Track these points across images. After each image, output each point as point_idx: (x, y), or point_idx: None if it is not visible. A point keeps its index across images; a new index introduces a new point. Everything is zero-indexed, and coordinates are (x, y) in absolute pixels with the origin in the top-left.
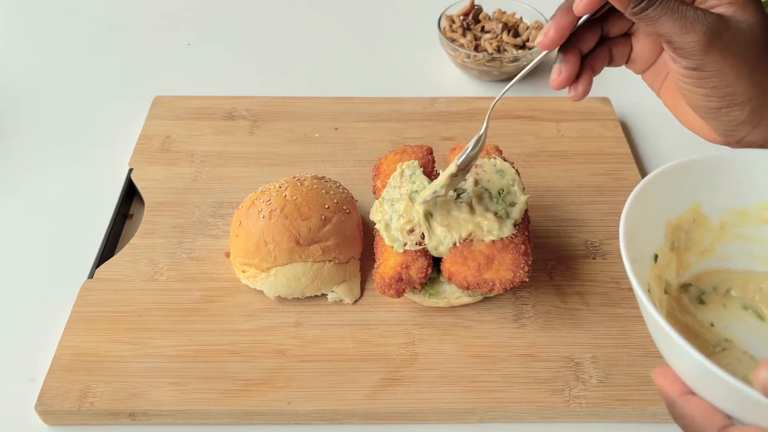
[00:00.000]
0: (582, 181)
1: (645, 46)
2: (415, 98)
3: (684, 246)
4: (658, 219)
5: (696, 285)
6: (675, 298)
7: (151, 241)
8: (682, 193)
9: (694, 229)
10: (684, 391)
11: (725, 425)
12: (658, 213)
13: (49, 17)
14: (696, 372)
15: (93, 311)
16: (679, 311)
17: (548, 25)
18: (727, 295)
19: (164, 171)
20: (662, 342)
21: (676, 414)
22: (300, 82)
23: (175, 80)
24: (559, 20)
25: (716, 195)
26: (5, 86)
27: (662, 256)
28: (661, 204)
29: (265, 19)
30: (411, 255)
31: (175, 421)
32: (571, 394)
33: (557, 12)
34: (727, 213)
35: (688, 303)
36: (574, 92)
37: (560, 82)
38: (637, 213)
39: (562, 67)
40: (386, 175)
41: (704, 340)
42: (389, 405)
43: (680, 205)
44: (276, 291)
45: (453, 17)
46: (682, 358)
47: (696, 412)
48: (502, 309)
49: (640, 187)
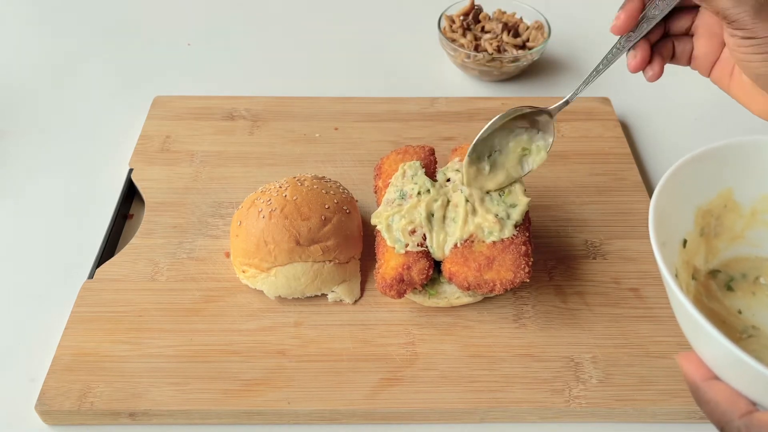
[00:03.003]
0: (582, 181)
1: (704, 44)
2: (415, 98)
3: (714, 232)
4: (688, 204)
5: (725, 271)
6: (703, 284)
7: (151, 241)
8: (713, 178)
9: (724, 215)
10: (708, 376)
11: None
12: (688, 198)
13: (49, 17)
14: (722, 358)
15: (93, 311)
16: (706, 297)
17: (619, 12)
18: (756, 282)
19: (164, 171)
20: (688, 327)
21: (700, 399)
22: (300, 82)
23: (175, 80)
24: (628, 6)
25: (748, 181)
26: (5, 86)
27: (691, 242)
28: (691, 189)
29: (265, 19)
30: (412, 256)
31: (175, 421)
32: (571, 394)
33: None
34: (759, 200)
35: (716, 289)
36: (651, 72)
37: (636, 64)
38: (667, 197)
39: (636, 52)
40: (388, 175)
41: (731, 326)
42: (389, 405)
43: (711, 190)
44: (276, 291)
45: (453, 17)
46: (708, 344)
47: (720, 397)
48: (502, 309)
49: (671, 172)
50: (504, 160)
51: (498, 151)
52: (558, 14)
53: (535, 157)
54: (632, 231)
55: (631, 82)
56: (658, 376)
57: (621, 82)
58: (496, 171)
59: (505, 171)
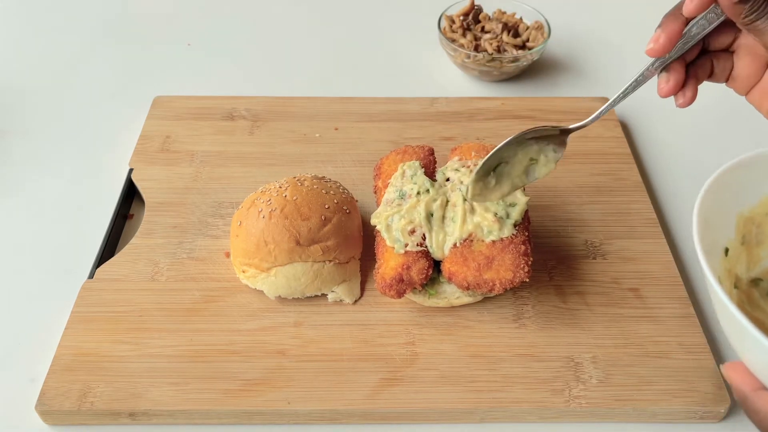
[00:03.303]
0: (582, 181)
1: (747, 65)
2: (415, 98)
3: (755, 240)
4: (730, 212)
5: (767, 280)
6: (745, 292)
7: (151, 241)
8: (754, 185)
9: (766, 222)
10: (756, 386)
11: None
12: (729, 205)
13: (49, 17)
14: None
15: (93, 311)
16: (749, 306)
17: (657, 32)
18: None
19: (164, 171)
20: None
21: (749, 409)
22: (300, 82)
23: (175, 80)
24: (669, 26)
25: None
26: (5, 86)
27: (733, 250)
28: (732, 196)
29: (265, 19)
30: (412, 256)
31: (175, 421)
32: (571, 394)
33: (665, 18)
34: None
35: (758, 298)
36: (683, 99)
37: (668, 90)
38: (709, 205)
39: (669, 75)
40: (387, 175)
41: None
42: (389, 405)
43: (753, 197)
44: (276, 291)
45: (453, 17)
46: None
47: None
48: (502, 309)
49: (712, 179)
50: (510, 169)
51: (505, 162)
52: (558, 14)
53: (542, 168)
54: (632, 231)
55: None
56: (658, 376)
57: (621, 82)
58: (501, 182)
59: (510, 181)
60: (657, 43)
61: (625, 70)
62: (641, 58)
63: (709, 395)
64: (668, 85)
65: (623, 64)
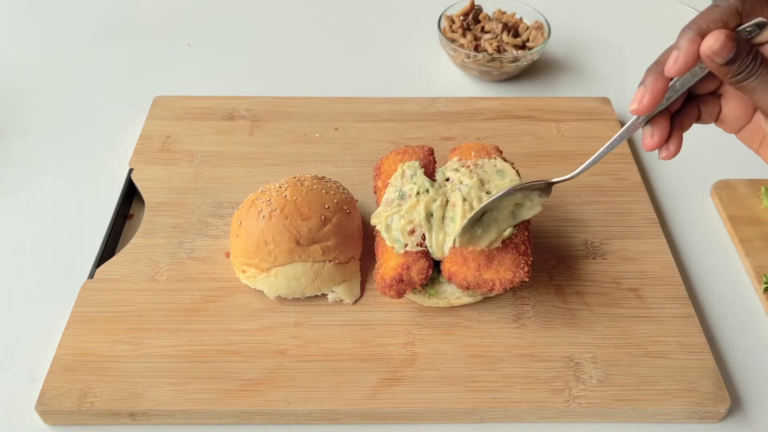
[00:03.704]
0: (582, 181)
1: (735, 108)
2: (415, 98)
3: None
4: None
5: None
6: None
7: (151, 241)
8: None
9: None
10: None
11: None
12: None
13: (49, 17)
14: None
15: (93, 311)
16: None
17: (641, 91)
18: None
19: (164, 171)
20: None
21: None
22: (300, 82)
23: (175, 80)
24: (652, 85)
25: None
26: (5, 86)
27: None
28: None
29: (265, 19)
30: (412, 256)
31: (175, 421)
32: (571, 394)
33: (648, 76)
34: None
35: None
36: (666, 152)
37: (653, 145)
38: None
39: (654, 129)
40: (387, 175)
41: None
42: (389, 405)
43: None
44: (276, 291)
45: (453, 17)
46: None
47: None
48: (502, 309)
49: None
50: (497, 215)
51: (490, 211)
52: (558, 14)
53: (528, 211)
54: (632, 231)
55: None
56: (658, 376)
57: (621, 82)
58: (489, 229)
59: (497, 226)
60: (641, 104)
61: (625, 70)
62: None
63: (709, 395)
64: (653, 141)
65: (623, 64)
